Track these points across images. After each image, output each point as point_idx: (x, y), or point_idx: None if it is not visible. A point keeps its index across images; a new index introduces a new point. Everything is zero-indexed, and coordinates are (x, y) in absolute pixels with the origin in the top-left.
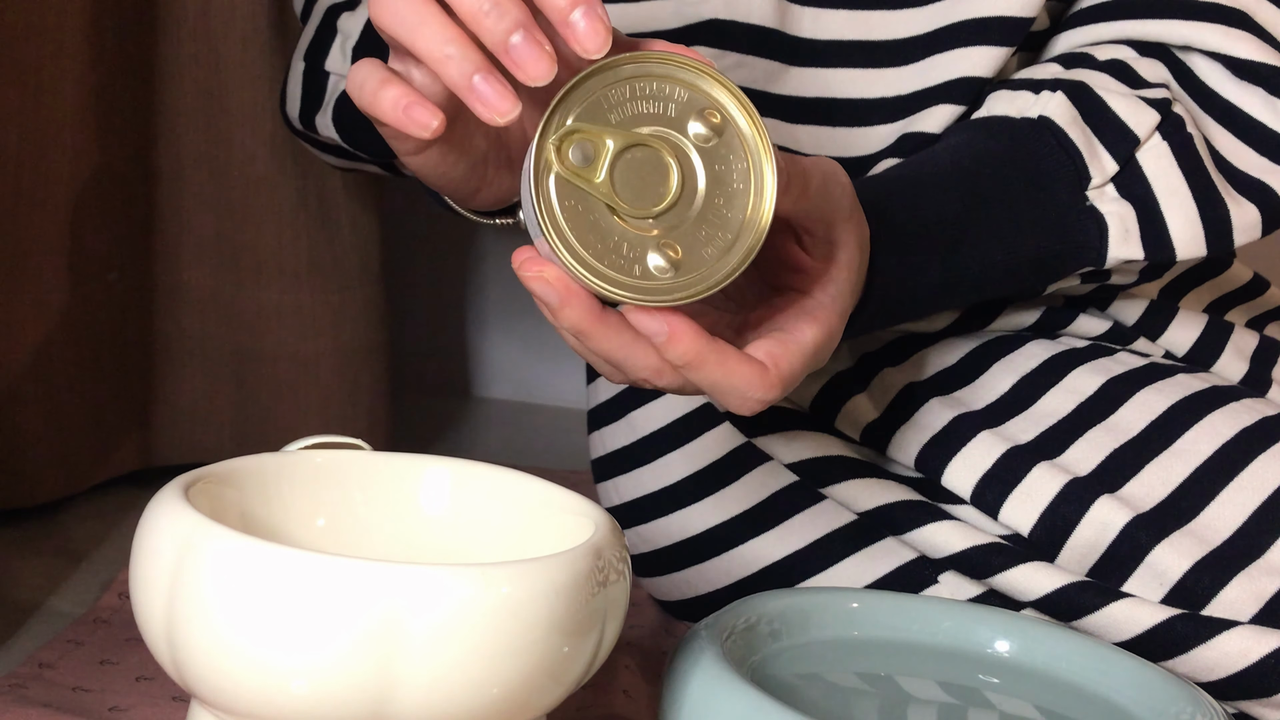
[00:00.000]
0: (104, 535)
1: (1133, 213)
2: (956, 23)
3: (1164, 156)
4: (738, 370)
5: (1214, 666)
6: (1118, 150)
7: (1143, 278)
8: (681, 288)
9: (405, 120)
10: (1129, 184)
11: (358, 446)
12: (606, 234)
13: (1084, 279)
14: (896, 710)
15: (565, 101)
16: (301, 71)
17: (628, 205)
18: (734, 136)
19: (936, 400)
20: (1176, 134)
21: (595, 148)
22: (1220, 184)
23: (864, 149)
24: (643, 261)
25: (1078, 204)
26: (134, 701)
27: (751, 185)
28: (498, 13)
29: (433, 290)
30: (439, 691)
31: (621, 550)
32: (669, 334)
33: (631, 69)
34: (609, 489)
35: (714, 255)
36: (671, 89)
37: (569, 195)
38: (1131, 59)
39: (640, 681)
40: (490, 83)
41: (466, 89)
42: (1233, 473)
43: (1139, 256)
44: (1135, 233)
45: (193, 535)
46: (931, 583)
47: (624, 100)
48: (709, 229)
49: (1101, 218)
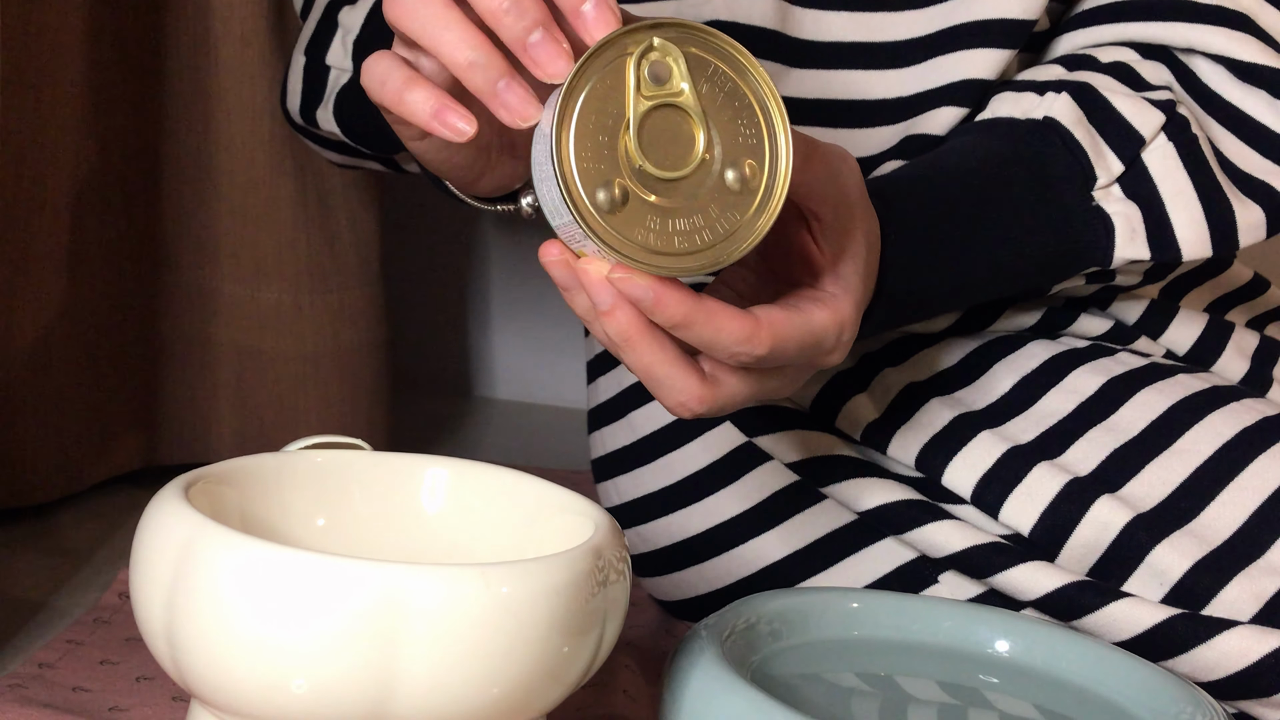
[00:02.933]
0: (104, 535)
1: (1139, 213)
2: (958, 25)
3: (1170, 157)
4: (726, 326)
5: (1214, 666)
6: (1123, 151)
7: (1146, 279)
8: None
9: (437, 126)
10: (1135, 184)
11: (358, 446)
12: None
13: (1089, 279)
14: (896, 710)
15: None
16: (302, 66)
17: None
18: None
19: (937, 400)
20: (1181, 134)
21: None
22: (1225, 185)
23: (866, 150)
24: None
25: (1084, 204)
26: (134, 701)
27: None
28: (518, 11)
29: (433, 290)
30: (439, 691)
31: (621, 550)
32: (654, 298)
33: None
34: (609, 489)
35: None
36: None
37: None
38: (1134, 61)
39: (640, 681)
40: (514, 89)
41: (491, 95)
42: (1233, 473)
43: (1145, 257)
44: (1142, 233)
45: (193, 535)
46: (932, 582)
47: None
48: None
49: (1108, 218)
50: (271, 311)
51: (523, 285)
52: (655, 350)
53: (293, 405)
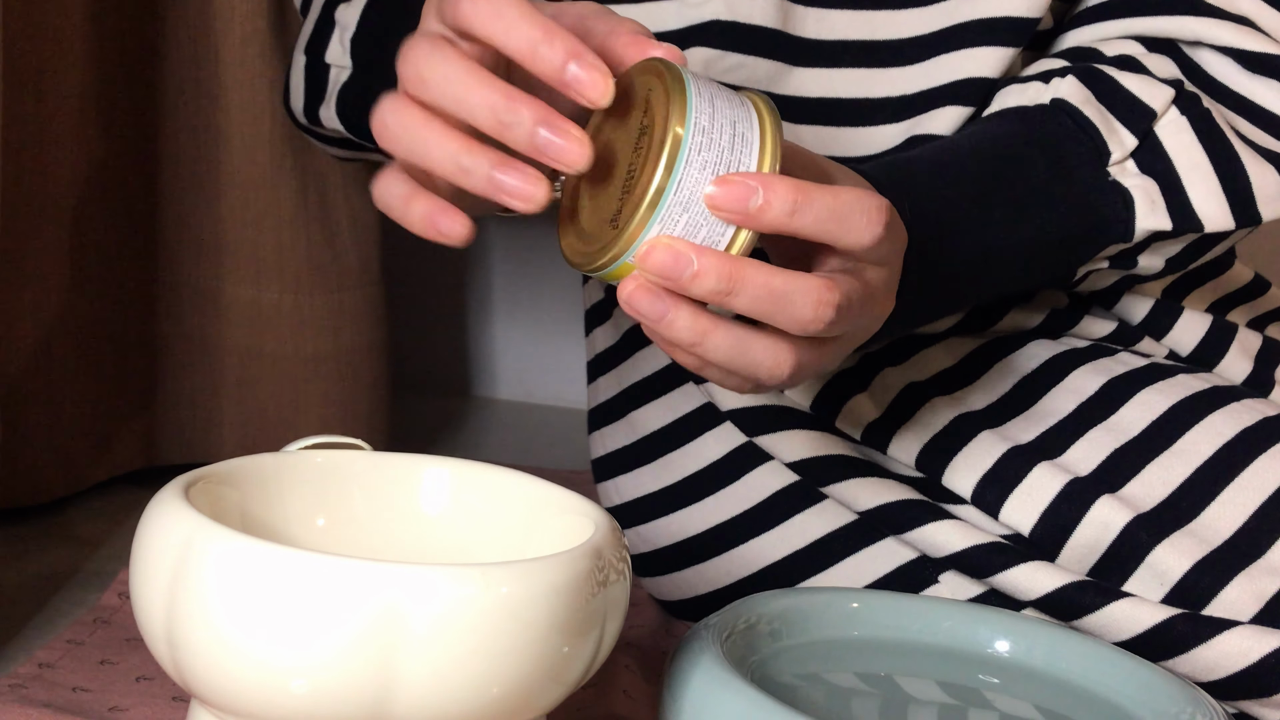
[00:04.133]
0: (104, 535)
1: (1156, 187)
2: (962, 23)
3: (1184, 131)
4: (839, 192)
5: (1214, 666)
6: (1135, 125)
7: (1169, 268)
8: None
9: (435, 234)
10: (1149, 159)
11: (358, 446)
12: None
13: (1112, 263)
14: (896, 710)
15: None
16: (303, 65)
17: None
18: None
19: (938, 400)
20: (1193, 108)
21: None
22: (1240, 148)
23: (869, 149)
24: None
25: (1100, 180)
26: (134, 701)
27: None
28: (515, 119)
29: (433, 290)
30: (439, 691)
31: (621, 550)
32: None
33: None
34: (609, 489)
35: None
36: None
37: None
38: (1140, 54)
39: (640, 681)
40: (512, 175)
41: (494, 191)
42: (1233, 473)
43: (1167, 227)
44: (1161, 204)
45: (193, 535)
46: (932, 582)
47: None
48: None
49: (1126, 191)
50: (272, 311)
51: (523, 285)
52: (762, 266)
53: (293, 405)
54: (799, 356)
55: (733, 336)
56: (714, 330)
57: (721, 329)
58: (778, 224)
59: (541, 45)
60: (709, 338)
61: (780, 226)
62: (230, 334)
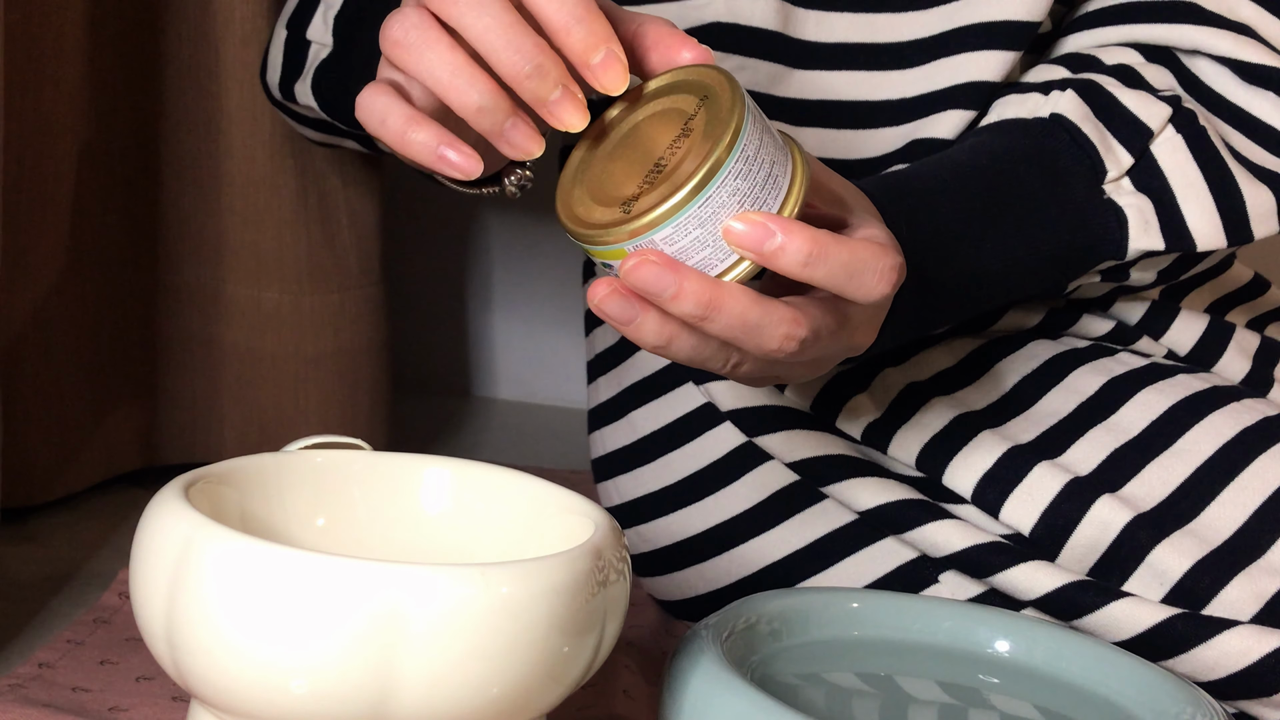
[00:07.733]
0: (104, 535)
1: (1150, 205)
2: (962, 26)
3: (1179, 150)
4: (856, 247)
5: (1214, 666)
6: (1132, 144)
7: (1160, 279)
8: None
9: (443, 165)
10: (1145, 178)
11: (358, 446)
12: None
13: (1103, 276)
14: (896, 710)
15: None
16: (284, 40)
17: None
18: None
19: (938, 400)
20: (1189, 126)
21: None
22: (1235, 168)
23: (869, 152)
24: None
25: (1095, 197)
26: (134, 701)
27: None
28: (539, 76)
29: (433, 290)
30: (439, 691)
31: (621, 550)
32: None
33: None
34: (609, 489)
35: None
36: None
37: None
38: (1138, 64)
39: (640, 681)
40: (520, 129)
41: (498, 136)
42: (1233, 473)
43: (1160, 247)
44: (1155, 224)
45: (193, 535)
46: (932, 582)
47: None
48: None
49: (1120, 210)
50: (272, 311)
51: (523, 285)
52: (740, 297)
53: (293, 405)
54: (758, 366)
55: (695, 338)
56: (679, 336)
57: (684, 335)
58: (789, 270)
59: (577, 25)
60: (674, 342)
61: (791, 273)
62: (230, 334)
